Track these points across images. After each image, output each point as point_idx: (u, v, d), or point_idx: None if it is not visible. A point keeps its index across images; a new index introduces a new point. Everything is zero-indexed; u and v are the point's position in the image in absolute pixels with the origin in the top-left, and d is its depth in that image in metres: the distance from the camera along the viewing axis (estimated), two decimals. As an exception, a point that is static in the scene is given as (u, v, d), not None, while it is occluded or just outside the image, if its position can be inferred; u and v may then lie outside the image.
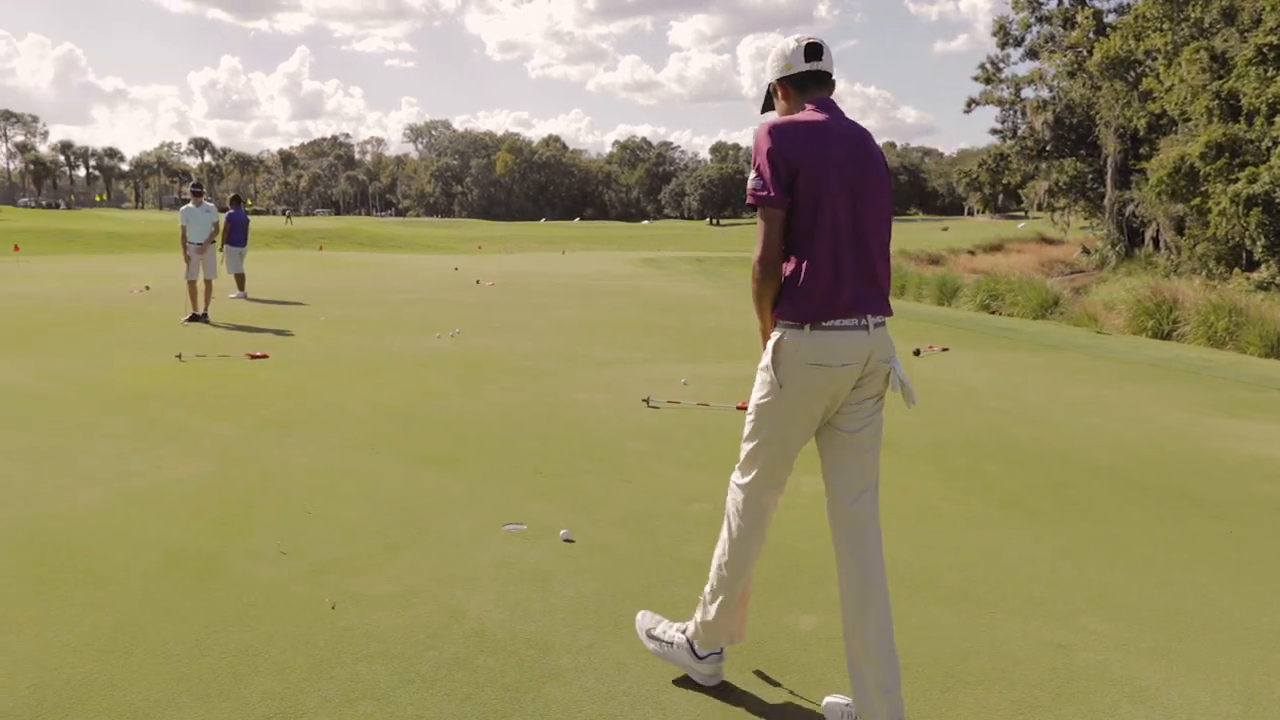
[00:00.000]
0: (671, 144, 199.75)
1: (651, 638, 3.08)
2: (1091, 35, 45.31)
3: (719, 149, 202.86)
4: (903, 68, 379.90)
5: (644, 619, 3.16)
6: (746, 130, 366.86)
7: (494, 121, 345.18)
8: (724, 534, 2.87)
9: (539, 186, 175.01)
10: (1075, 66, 45.82)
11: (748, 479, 2.82)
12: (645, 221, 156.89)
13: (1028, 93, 49.20)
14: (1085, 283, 39.24)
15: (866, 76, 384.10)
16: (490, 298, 17.06)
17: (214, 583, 3.73)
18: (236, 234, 16.79)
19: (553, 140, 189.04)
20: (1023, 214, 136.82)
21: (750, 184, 2.65)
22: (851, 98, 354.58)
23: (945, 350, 10.72)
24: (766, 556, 3.29)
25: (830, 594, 3.36)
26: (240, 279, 16.67)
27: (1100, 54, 41.72)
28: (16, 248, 30.82)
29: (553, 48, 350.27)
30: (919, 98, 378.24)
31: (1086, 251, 47.70)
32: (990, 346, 11.55)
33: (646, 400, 7.22)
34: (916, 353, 10.30)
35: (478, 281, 21.06)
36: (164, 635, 3.24)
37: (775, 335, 2.69)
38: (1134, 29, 40.15)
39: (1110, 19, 46.42)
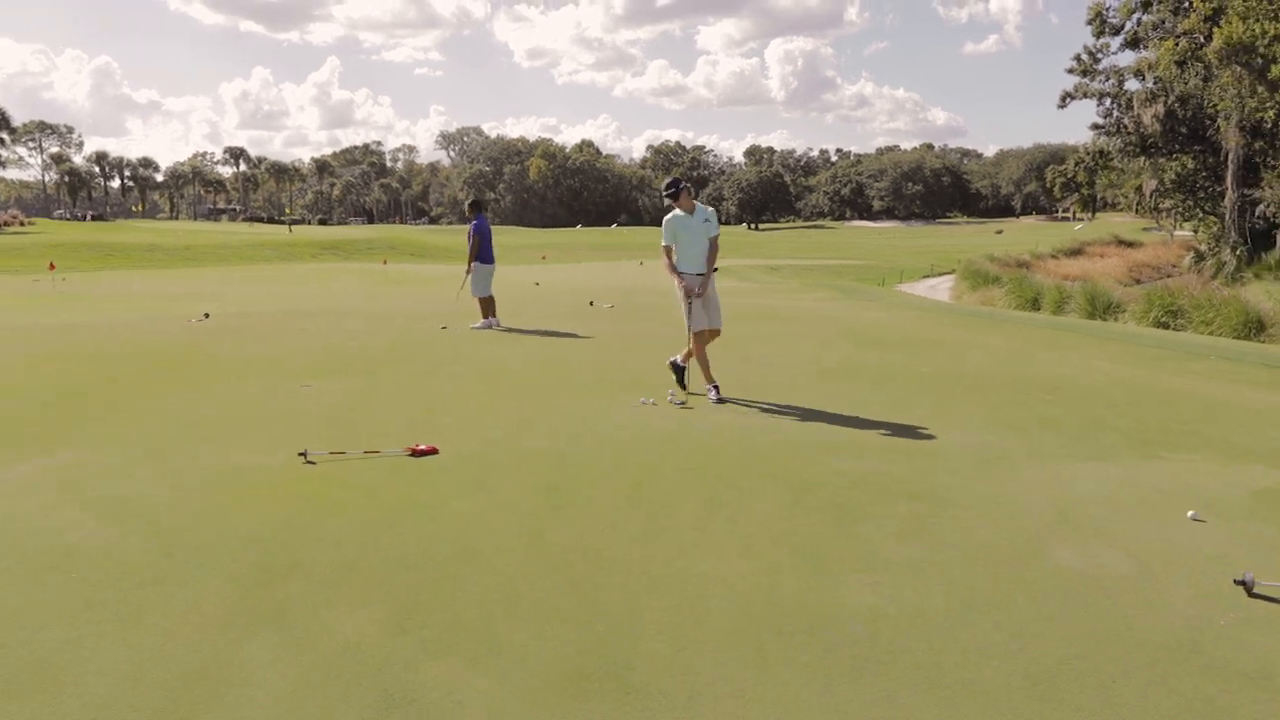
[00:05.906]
0: (705, 148, 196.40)
1: None
2: (1204, 20, 41.44)
3: (753, 152, 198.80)
4: (932, 70, 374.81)
5: None
6: (775, 134, 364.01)
7: (522, 128, 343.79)
8: None
9: (573, 192, 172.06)
10: (1189, 54, 41.93)
11: None
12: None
13: (1132, 84, 45.32)
14: (1199, 289, 35.21)
15: (895, 79, 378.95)
16: (638, 328, 13.64)
17: None
18: (486, 248, 13.59)
19: (586, 145, 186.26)
20: (1069, 215, 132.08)
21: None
22: (880, 100, 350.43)
23: None
24: None
25: None
26: (489, 304, 13.57)
27: (1221, 40, 37.99)
28: (52, 265, 27.88)
29: (581, 54, 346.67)
30: (948, 99, 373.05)
31: (1199, 256, 43.62)
32: None
33: (1244, 587, 3.77)
34: None
35: (591, 303, 17.65)
36: None
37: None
38: (1264, 9, 36.41)
39: (1218, -1, 42.49)
